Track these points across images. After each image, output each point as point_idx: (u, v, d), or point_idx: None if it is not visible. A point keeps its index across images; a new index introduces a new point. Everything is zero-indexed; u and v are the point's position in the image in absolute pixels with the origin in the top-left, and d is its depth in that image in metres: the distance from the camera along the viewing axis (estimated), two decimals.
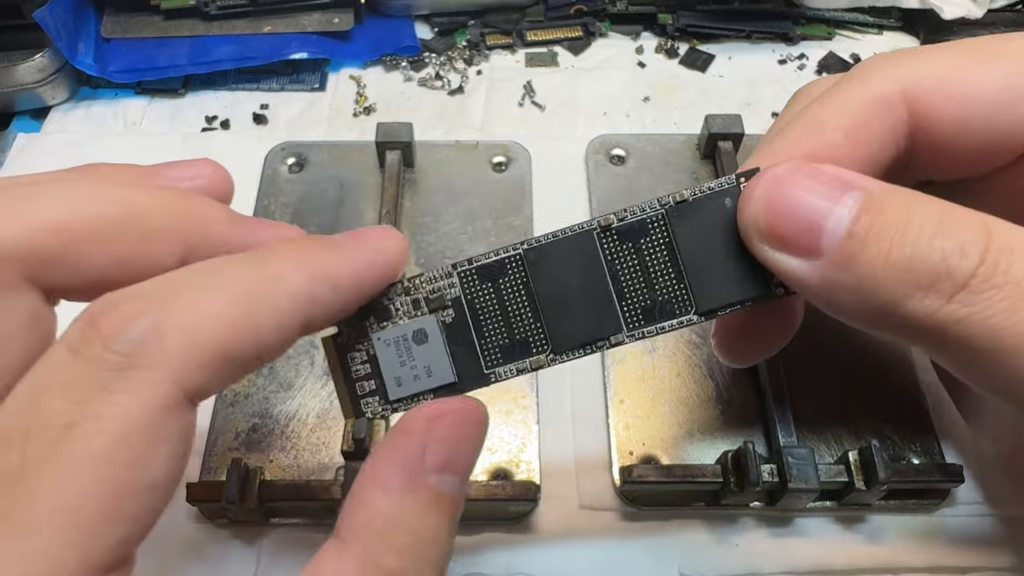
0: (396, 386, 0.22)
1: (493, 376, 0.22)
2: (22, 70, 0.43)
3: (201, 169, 0.24)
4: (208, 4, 0.46)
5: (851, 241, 0.19)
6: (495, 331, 0.22)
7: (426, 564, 0.19)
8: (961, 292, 0.18)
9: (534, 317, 0.22)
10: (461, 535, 0.31)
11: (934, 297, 0.18)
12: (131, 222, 0.20)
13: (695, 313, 0.21)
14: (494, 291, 0.22)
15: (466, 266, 0.22)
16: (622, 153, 0.42)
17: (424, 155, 0.42)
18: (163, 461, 0.17)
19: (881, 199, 0.19)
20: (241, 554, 0.31)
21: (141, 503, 0.17)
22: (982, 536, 0.31)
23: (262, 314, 0.18)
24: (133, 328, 0.17)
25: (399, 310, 0.22)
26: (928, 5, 0.48)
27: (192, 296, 0.18)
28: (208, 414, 0.33)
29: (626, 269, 0.21)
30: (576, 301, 0.21)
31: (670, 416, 0.33)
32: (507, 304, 0.22)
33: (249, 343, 0.18)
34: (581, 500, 0.32)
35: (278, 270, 0.19)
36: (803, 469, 0.29)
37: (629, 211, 0.21)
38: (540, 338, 0.22)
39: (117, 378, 0.16)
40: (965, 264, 0.18)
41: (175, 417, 0.17)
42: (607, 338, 0.22)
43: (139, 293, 0.18)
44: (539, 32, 0.50)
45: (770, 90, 0.47)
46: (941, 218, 0.18)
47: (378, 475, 0.19)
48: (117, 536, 0.16)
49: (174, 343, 0.17)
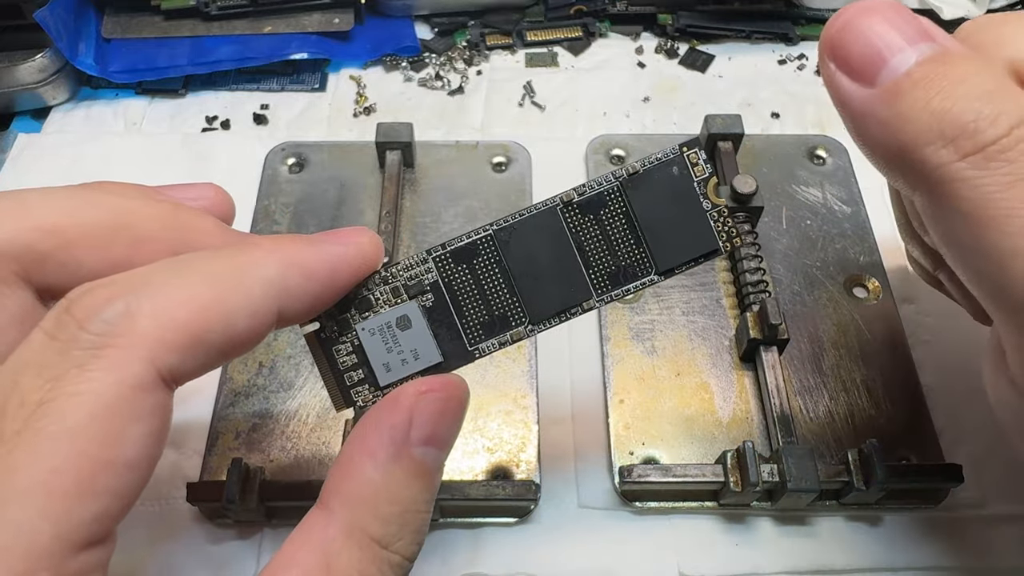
0: (385, 372, 0.23)
1: (477, 352, 0.23)
2: (22, 70, 0.43)
3: (204, 191, 0.25)
4: (208, 4, 0.46)
5: (905, 80, 0.20)
6: (474, 309, 0.23)
7: (407, 532, 0.20)
8: (975, 155, 0.18)
9: (510, 292, 0.23)
10: (461, 535, 0.31)
11: (951, 150, 0.19)
12: (123, 228, 0.21)
13: (655, 273, 0.23)
14: (470, 272, 0.23)
15: (440, 251, 0.23)
16: (622, 153, 0.42)
17: (424, 155, 0.42)
18: (139, 439, 0.17)
19: (952, 57, 0.20)
20: (242, 554, 0.31)
21: (117, 480, 0.17)
22: (982, 536, 0.31)
23: (234, 299, 0.19)
24: (107, 310, 0.17)
25: (380, 299, 0.23)
26: (928, 5, 0.48)
27: (164, 281, 0.18)
28: (208, 414, 0.33)
29: (590, 240, 0.23)
30: (547, 273, 0.23)
31: (670, 416, 0.33)
32: (483, 283, 0.23)
33: (221, 327, 0.18)
34: (581, 500, 0.32)
35: (251, 258, 0.20)
36: (803, 469, 0.29)
37: (587, 186, 0.23)
38: (518, 311, 0.23)
39: (91, 357, 0.17)
40: (991, 131, 0.18)
41: (149, 396, 0.17)
42: (579, 304, 0.23)
43: (113, 280, 0.18)
44: (539, 32, 0.50)
45: (770, 90, 0.47)
46: (994, 87, 0.19)
47: (366, 444, 0.20)
48: (92, 512, 0.16)
49: (146, 324, 0.17)
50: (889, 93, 0.20)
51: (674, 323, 0.36)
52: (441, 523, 0.31)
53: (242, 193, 0.40)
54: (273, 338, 0.35)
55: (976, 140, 0.18)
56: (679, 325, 0.36)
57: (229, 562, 0.31)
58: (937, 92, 0.19)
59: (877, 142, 0.21)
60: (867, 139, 0.21)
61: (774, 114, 0.46)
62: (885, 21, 0.21)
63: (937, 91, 0.19)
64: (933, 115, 0.19)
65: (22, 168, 0.42)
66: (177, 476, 0.32)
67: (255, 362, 0.35)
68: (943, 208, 0.20)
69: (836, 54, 0.21)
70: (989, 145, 0.18)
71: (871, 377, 0.34)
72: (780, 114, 0.46)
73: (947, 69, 0.19)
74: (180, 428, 0.33)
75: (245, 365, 0.35)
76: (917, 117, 0.19)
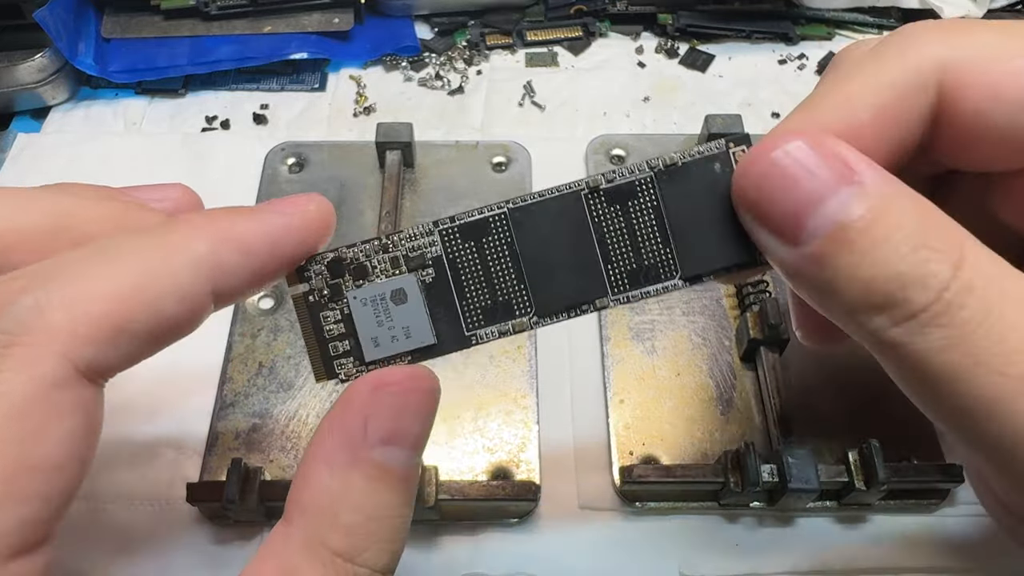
0: (373, 347, 0.21)
1: (474, 338, 0.21)
2: (22, 70, 0.43)
3: (169, 192, 0.23)
4: (208, 4, 0.46)
5: (829, 244, 0.18)
6: (477, 292, 0.21)
7: (376, 542, 0.19)
8: (908, 321, 0.18)
9: (517, 279, 0.21)
10: (461, 535, 0.31)
11: (884, 318, 0.18)
12: (63, 231, 0.20)
13: (680, 278, 0.21)
14: (477, 251, 0.21)
15: (448, 223, 0.21)
16: (622, 153, 0.42)
17: (424, 155, 0.42)
18: (61, 438, 0.17)
19: (875, 205, 0.18)
20: (242, 554, 0.31)
21: (42, 483, 0.16)
22: (982, 536, 0.31)
23: (159, 284, 0.18)
24: (15, 306, 0.17)
25: (377, 268, 0.21)
26: (928, 5, 0.48)
27: (78, 271, 0.17)
28: (208, 414, 0.33)
29: (613, 232, 0.21)
30: (561, 263, 0.21)
31: (670, 416, 0.33)
32: (490, 264, 0.21)
33: (146, 314, 0.18)
34: (581, 500, 0.32)
35: (178, 239, 0.18)
36: (803, 469, 0.29)
37: (618, 173, 0.21)
38: (523, 300, 0.21)
39: (0, 357, 0.16)
40: (921, 298, 0.17)
41: (68, 393, 0.17)
42: (592, 301, 0.21)
43: (24, 272, 0.17)
44: (539, 32, 0.50)
45: (770, 90, 0.47)
46: (920, 241, 0.18)
47: (322, 450, 0.19)
48: (16, 519, 0.16)
49: (58, 317, 0.17)
50: (815, 257, 0.19)
51: (674, 323, 0.36)
52: (441, 524, 0.31)
53: (242, 193, 0.41)
54: (273, 338, 0.35)
55: (906, 309, 0.18)
56: (679, 325, 0.36)
57: (229, 562, 0.31)
58: (862, 257, 0.18)
59: (810, 300, 0.20)
60: (801, 294, 0.20)
61: (774, 114, 0.46)
62: (801, 167, 0.19)
63: (862, 255, 0.18)
64: (862, 283, 0.18)
65: (21, 168, 0.42)
66: (177, 476, 0.32)
67: (255, 362, 0.35)
68: (891, 367, 0.19)
69: (754, 211, 0.20)
70: (920, 312, 0.18)
71: (871, 377, 0.34)
72: (780, 114, 0.46)
73: (869, 225, 0.18)
74: (180, 428, 0.33)
75: (245, 365, 0.35)
76: (847, 286, 0.18)
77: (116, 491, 0.32)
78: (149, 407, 0.34)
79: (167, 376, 0.34)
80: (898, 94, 0.21)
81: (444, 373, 0.34)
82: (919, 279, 0.18)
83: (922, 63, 0.21)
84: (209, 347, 0.35)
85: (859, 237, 0.18)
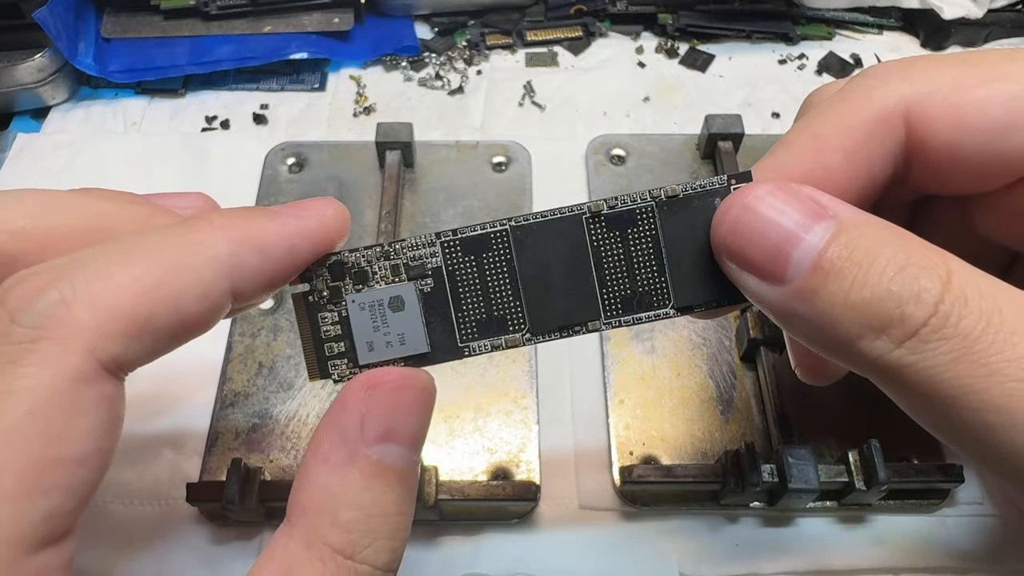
0: (367, 351, 0.22)
1: (467, 350, 0.22)
2: (22, 70, 0.43)
3: (192, 201, 0.24)
4: (208, 4, 0.46)
5: (815, 275, 0.19)
6: (473, 305, 0.22)
7: (376, 539, 0.19)
8: (911, 339, 0.18)
9: (514, 295, 0.22)
10: (461, 535, 0.31)
11: (885, 340, 0.18)
12: (96, 230, 0.20)
13: (672, 308, 0.22)
14: (476, 265, 0.22)
15: (450, 236, 0.22)
16: (622, 153, 0.42)
17: (424, 155, 0.42)
18: (85, 432, 0.17)
19: (852, 234, 0.19)
20: (241, 554, 0.31)
21: (66, 476, 0.16)
22: (982, 536, 0.31)
23: (181, 280, 0.18)
24: (41, 300, 0.17)
25: (377, 274, 0.22)
26: (928, 5, 0.48)
27: (103, 265, 0.17)
28: (208, 414, 0.33)
29: (610, 257, 0.22)
30: (558, 284, 0.22)
31: (670, 416, 0.33)
32: (488, 279, 0.22)
33: (168, 310, 0.18)
34: (581, 500, 0.32)
35: (201, 237, 0.19)
36: (803, 469, 0.29)
37: (620, 199, 0.21)
38: (518, 317, 0.22)
39: (26, 351, 0.16)
40: (918, 313, 0.17)
41: (92, 387, 0.17)
42: (584, 323, 0.22)
43: (49, 266, 0.17)
44: (539, 32, 0.50)
45: (770, 90, 0.47)
46: (905, 260, 0.18)
47: (320, 450, 0.19)
48: (42, 512, 0.16)
49: (83, 312, 0.17)
50: (803, 291, 0.19)
51: (674, 323, 0.36)
52: (441, 524, 0.31)
53: (242, 193, 0.41)
54: (273, 338, 0.35)
55: (906, 327, 0.18)
56: (679, 325, 0.36)
57: (228, 562, 0.31)
58: (851, 282, 0.18)
59: (809, 339, 0.20)
60: (797, 335, 0.20)
61: (774, 114, 0.46)
62: (773, 210, 0.19)
63: (851, 281, 0.18)
64: (855, 309, 0.18)
65: (21, 168, 0.42)
66: (177, 476, 0.32)
67: (255, 362, 0.35)
68: (897, 392, 0.19)
69: (736, 259, 0.20)
70: (921, 328, 0.17)
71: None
72: (780, 114, 0.46)
73: (852, 252, 0.18)
74: (180, 428, 0.33)
75: (245, 365, 0.35)
76: (840, 315, 0.18)
77: (116, 491, 0.32)
78: (149, 407, 0.34)
79: (167, 376, 0.34)
80: (867, 134, 0.21)
81: (444, 373, 0.34)
82: (912, 295, 0.18)
83: (887, 102, 0.21)
84: (209, 347, 0.35)
85: (844, 264, 0.18)
